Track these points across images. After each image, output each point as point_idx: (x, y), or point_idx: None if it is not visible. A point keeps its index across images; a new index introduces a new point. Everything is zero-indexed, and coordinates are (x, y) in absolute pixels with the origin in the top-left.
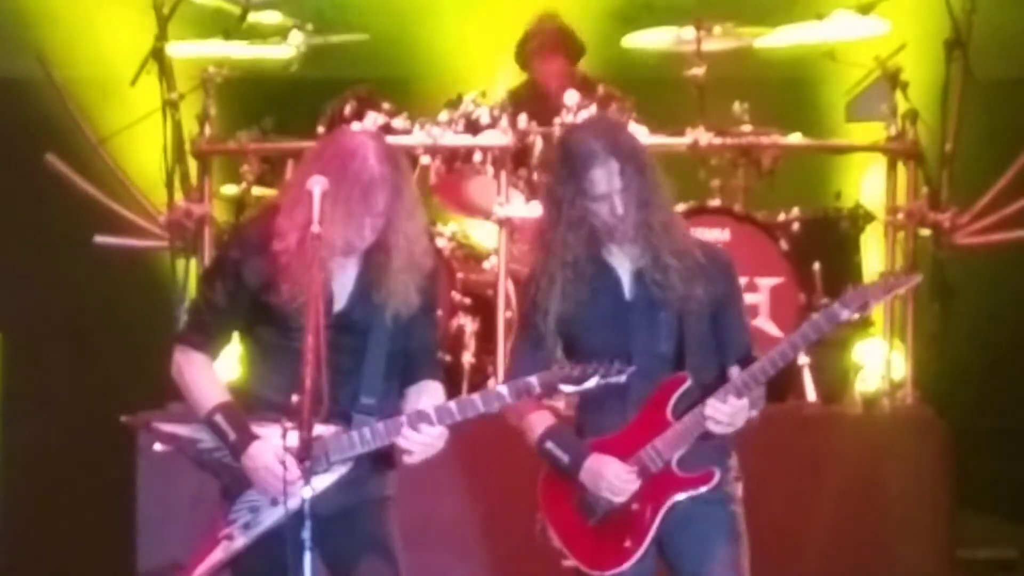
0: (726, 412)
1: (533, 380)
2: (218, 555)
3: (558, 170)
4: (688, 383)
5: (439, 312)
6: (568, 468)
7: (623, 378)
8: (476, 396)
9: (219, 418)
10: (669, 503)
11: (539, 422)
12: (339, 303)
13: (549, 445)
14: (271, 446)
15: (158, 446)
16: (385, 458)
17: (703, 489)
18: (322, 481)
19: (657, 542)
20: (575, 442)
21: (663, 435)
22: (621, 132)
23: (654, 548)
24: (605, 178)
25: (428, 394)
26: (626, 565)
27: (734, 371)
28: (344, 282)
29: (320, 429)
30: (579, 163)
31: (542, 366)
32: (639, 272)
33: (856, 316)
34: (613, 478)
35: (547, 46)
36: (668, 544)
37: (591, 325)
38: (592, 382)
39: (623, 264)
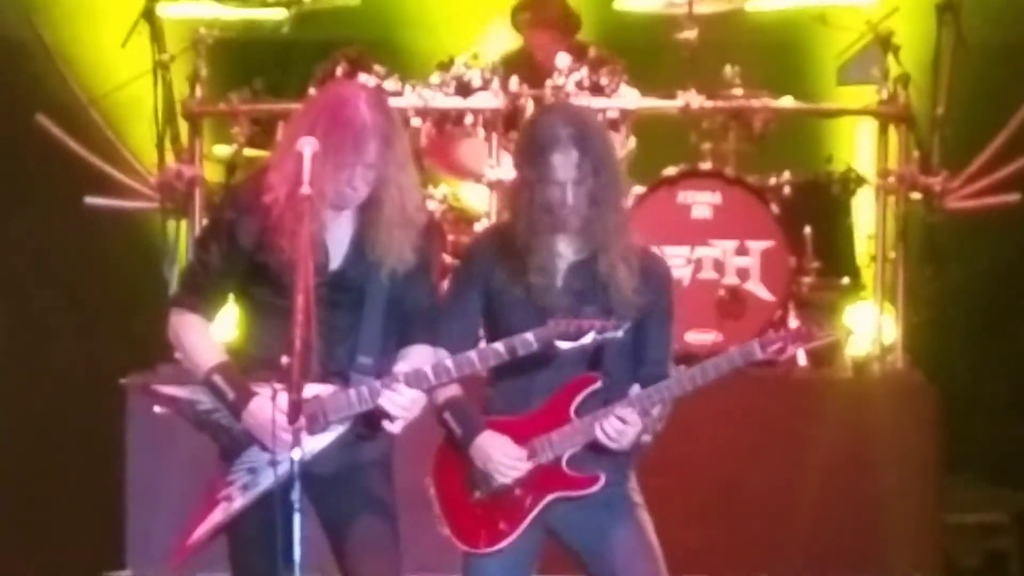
0: (616, 427)
1: (530, 336)
2: (217, 516)
3: (523, 150)
4: (597, 384)
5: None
6: (461, 441)
7: (619, 334)
8: (472, 353)
9: (217, 378)
10: (550, 497)
11: (444, 390)
12: (335, 261)
13: (447, 415)
14: (271, 404)
15: (157, 408)
16: (384, 417)
17: (584, 492)
18: (320, 441)
19: (551, 534)
20: (472, 417)
21: (560, 430)
22: (591, 125)
23: (537, 535)
24: (563, 165)
25: (421, 357)
26: (496, 547)
27: (635, 388)
28: (339, 239)
29: (317, 388)
30: (542, 146)
31: (467, 332)
32: (576, 264)
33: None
34: (502, 457)
35: (541, 20)
36: (564, 536)
37: (516, 307)
38: (588, 338)
39: (563, 254)
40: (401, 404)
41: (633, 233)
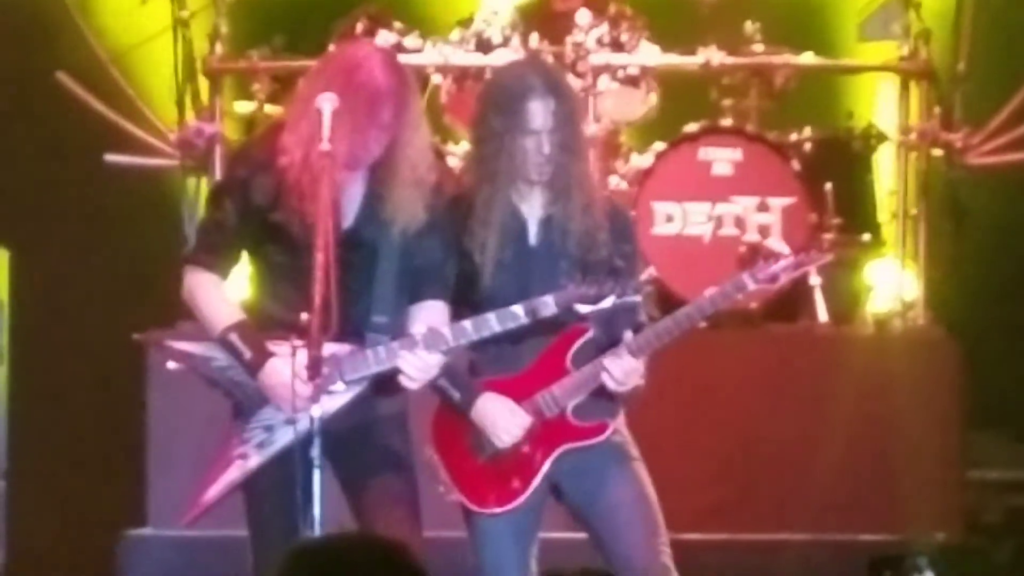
0: (622, 369)
1: (549, 299)
2: (233, 474)
3: (493, 102)
4: (589, 334)
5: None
6: (460, 405)
7: (638, 297)
8: (491, 315)
9: (234, 337)
10: (561, 450)
11: None
12: (347, 220)
13: (442, 382)
14: (288, 363)
15: (171, 364)
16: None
17: (595, 440)
18: (337, 401)
19: (553, 489)
20: (468, 380)
21: (561, 382)
22: (560, 74)
23: (543, 491)
24: (541, 113)
25: (432, 313)
26: (511, 504)
27: (627, 335)
28: (351, 198)
29: (335, 348)
30: (517, 95)
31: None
32: (547, 219)
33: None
34: (506, 419)
35: None
36: (564, 486)
37: (492, 266)
38: (608, 302)
39: (532, 209)
40: (418, 367)
41: (597, 182)
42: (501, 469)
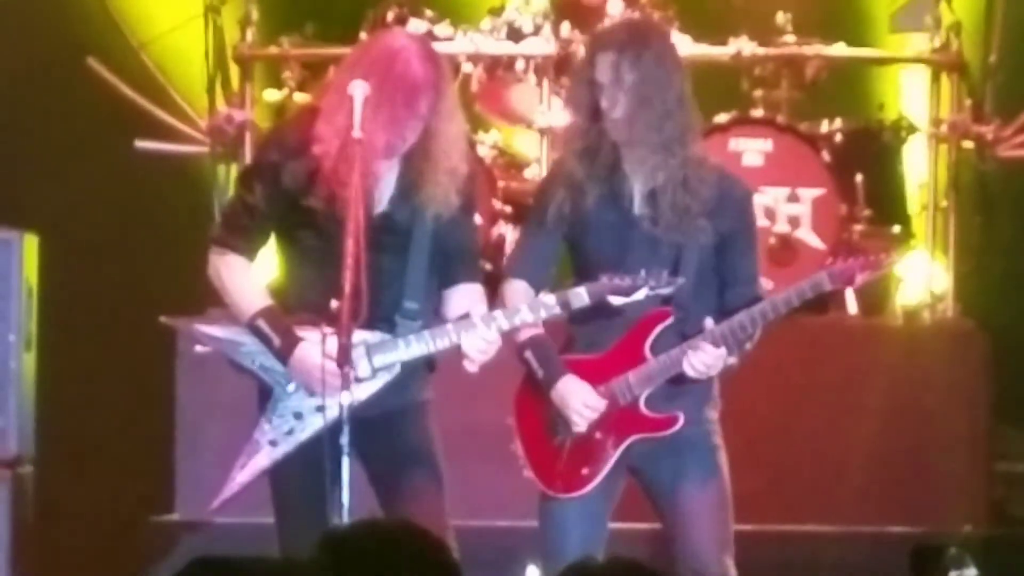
0: (702, 360)
1: (582, 290)
2: (261, 461)
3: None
4: (671, 319)
5: (481, 220)
6: (543, 383)
7: (671, 289)
8: (523, 304)
9: (262, 322)
10: (631, 440)
11: (526, 328)
12: (380, 204)
13: (528, 355)
14: (317, 349)
15: (199, 348)
16: (426, 363)
17: (664, 433)
18: (367, 389)
19: (630, 471)
20: (553, 358)
21: (637, 370)
22: (644, 34)
23: (617, 477)
24: (606, 66)
25: (468, 296)
26: (580, 492)
27: (708, 322)
28: (385, 185)
29: (365, 335)
30: (590, 49)
31: (544, 267)
32: (652, 191)
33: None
34: (579, 404)
35: None
36: (642, 468)
37: (593, 233)
38: (641, 294)
39: (638, 177)
40: (479, 347)
41: (704, 155)
42: (573, 454)
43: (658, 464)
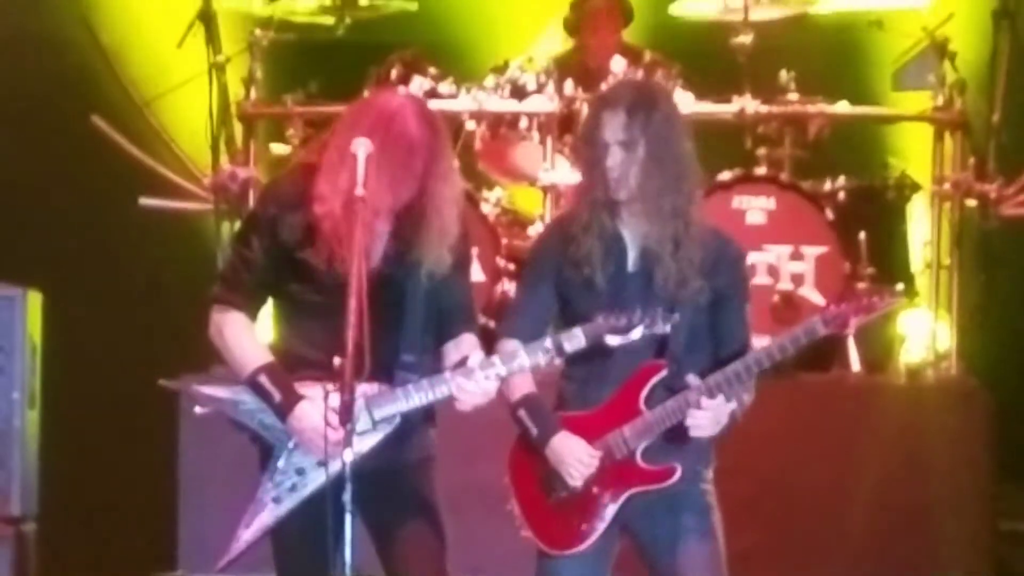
0: (705, 416)
1: (578, 331)
2: (265, 518)
3: (586, 117)
4: (664, 372)
5: (484, 278)
6: (536, 440)
7: (668, 328)
8: (521, 348)
9: (263, 379)
10: (628, 493)
11: (519, 387)
12: (374, 260)
13: (522, 413)
14: (318, 407)
15: (198, 409)
16: (427, 417)
17: (662, 485)
18: (368, 441)
19: (625, 530)
20: (547, 416)
21: (632, 423)
22: (652, 96)
23: (613, 534)
24: (609, 124)
25: (464, 345)
26: (579, 548)
27: (691, 378)
28: (378, 240)
29: (363, 388)
30: (595, 106)
31: (538, 326)
32: (646, 248)
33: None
34: (575, 461)
35: (598, 19)
36: (635, 528)
37: (590, 289)
38: (637, 332)
39: (633, 235)
40: (477, 392)
41: (701, 216)
42: (569, 510)
43: (654, 521)
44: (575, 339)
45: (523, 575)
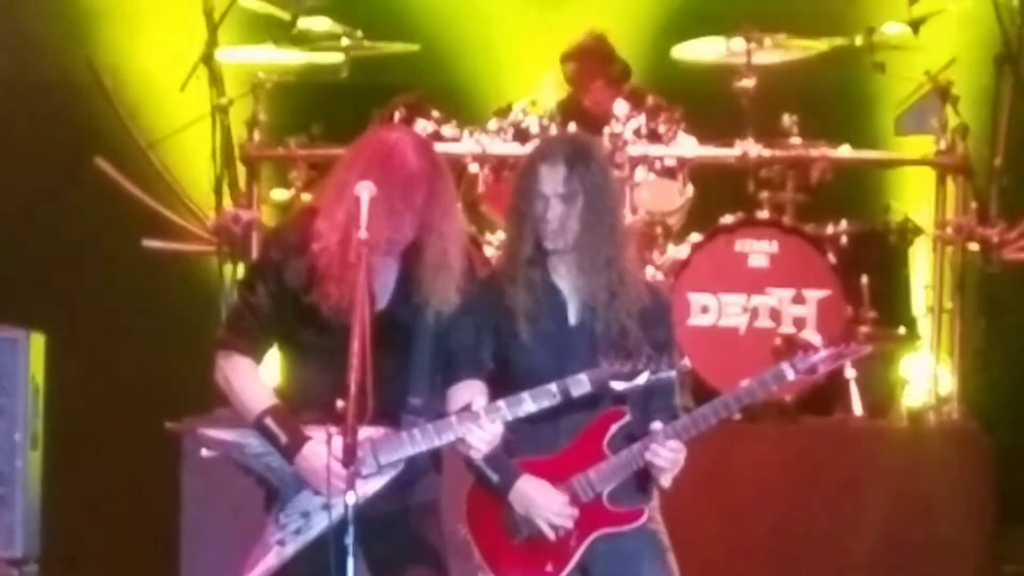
0: (668, 457)
1: (583, 377)
2: (271, 561)
3: (519, 171)
4: (626, 418)
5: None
6: (498, 487)
7: (673, 372)
8: (525, 393)
9: (269, 421)
10: (595, 535)
11: None
12: (381, 301)
13: (479, 463)
14: (324, 447)
15: (205, 452)
16: (432, 461)
17: (630, 527)
18: (372, 485)
19: (582, 569)
20: (506, 462)
21: (598, 467)
22: (589, 151)
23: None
24: (550, 178)
25: (469, 391)
26: None
27: (657, 424)
28: (385, 281)
29: (369, 431)
30: (533, 159)
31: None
32: (584, 302)
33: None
34: (548, 508)
35: (586, 71)
36: (594, 572)
37: (529, 345)
38: (643, 378)
39: (570, 291)
40: (484, 438)
41: (633, 266)
42: (535, 552)
43: (612, 562)
44: (580, 384)
45: None
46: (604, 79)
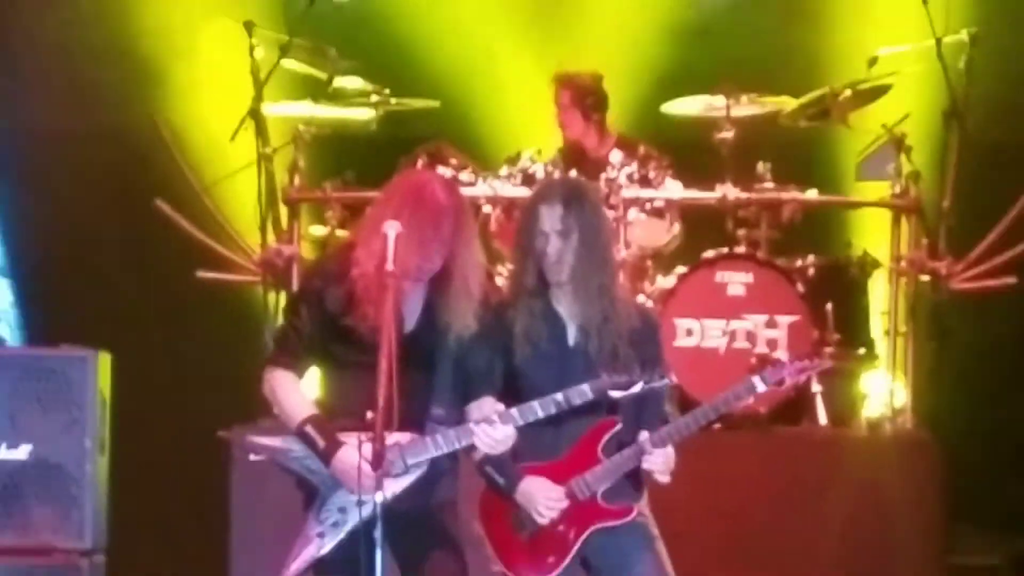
0: (661, 461)
1: (585, 387)
2: (311, 551)
3: (522, 213)
4: (618, 427)
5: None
6: (505, 489)
7: (666, 382)
8: (535, 402)
9: (309, 428)
10: (591, 529)
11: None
12: (409, 325)
13: (488, 468)
14: (356, 451)
15: (252, 456)
16: (451, 464)
17: (622, 521)
18: (401, 483)
19: (583, 562)
20: (511, 466)
21: (593, 470)
22: (583, 192)
23: (576, 566)
24: (549, 217)
25: (487, 407)
26: None
27: (643, 434)
28: (413, 307)
29: (397, 436)
30: (533, 201)
31: (492, 391)
32: (581, 326)
33: (772, 388)
34: (544, 499)
35: (562, 106)
36: (593, 562)
37: (534, 363)
38: (638, 387)
39: (569, 316)
40: (497, 438)
41: (623, 293)
42: (539, 545)
43: (607, 551)
44: (583, 393)
45: None
46: (579, 110)
